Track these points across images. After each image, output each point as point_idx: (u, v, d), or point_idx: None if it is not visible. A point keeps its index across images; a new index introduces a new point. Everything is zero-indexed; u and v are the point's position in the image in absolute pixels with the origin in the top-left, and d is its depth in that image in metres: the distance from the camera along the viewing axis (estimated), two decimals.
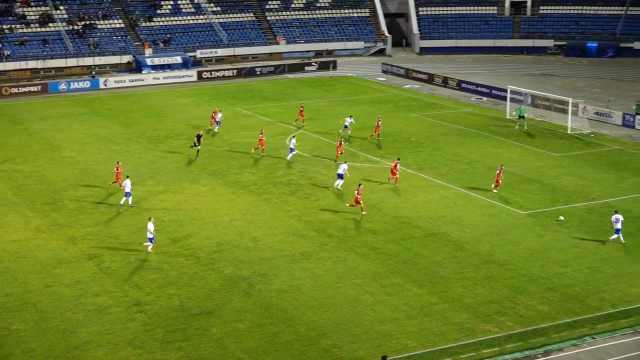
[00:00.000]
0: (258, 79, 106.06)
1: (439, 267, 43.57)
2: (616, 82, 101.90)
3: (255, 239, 47.78)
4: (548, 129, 75.85)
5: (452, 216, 51.57)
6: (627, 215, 51.33)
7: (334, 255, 45.23)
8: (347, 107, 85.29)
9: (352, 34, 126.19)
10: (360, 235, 48.36)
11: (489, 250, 45.89)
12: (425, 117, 79.65)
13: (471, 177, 59.93)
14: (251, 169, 62.38)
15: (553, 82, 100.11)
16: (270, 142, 70.02)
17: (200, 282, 41.96)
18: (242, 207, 53.55)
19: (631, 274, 42.75)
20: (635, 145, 70.38)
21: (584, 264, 43.94)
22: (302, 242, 47.33)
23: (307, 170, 61.81)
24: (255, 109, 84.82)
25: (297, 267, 43.64)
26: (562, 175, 60.47)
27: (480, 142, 70.47)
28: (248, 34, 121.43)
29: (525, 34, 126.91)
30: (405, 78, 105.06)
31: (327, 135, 72.83)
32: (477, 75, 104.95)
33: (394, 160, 60.36)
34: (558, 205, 53.60)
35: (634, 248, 46.20)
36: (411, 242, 47.09)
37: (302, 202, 54.39)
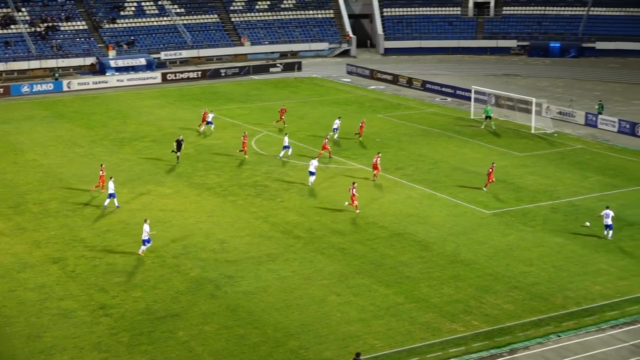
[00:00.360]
0: (223, 80, 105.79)
1: (405, 267, 43.68)
2: (578, 81, 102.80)
3: (221, 240, 47.64)
4: (512, 129, 76.34)
5: (417, 216, 51.73)
6: (589, 213, 51.83)
7: (300, 257, 45.20)
8: (312, 108, 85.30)
9: (316, 35, 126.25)
10: (326, 236, 48.36)
11: (455, 250, 46.09)
12: (390, 117, 79.87)
13: (436, 177, 60.16)
14: (216, 170, 62.19)
15: (516, 82, 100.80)
16: (235, 143, 69.85)
17: (166, 284, 41.75)
18: (208, 209, 53.37)
19: (595, 272, 43.12)
20: (597, 144, 71.04)
21: (549, 263, 44.26)
22: (268, 243, 47.25)
23: (273, 172, 61.73)
24: (220, 111, 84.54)
25: (263, 269, 43.56)
26: (526, 174, 60.89)
27: (444, 142, 70.78)
28: (212, 35, 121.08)
29: (488, 35, 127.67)
30: (370, 79, 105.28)
31: (292, 136, 72.74)
32: (441, 75, 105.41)
33: (373, 156, 60.89)
34: (523, 204, 53.95)
35: (597, 246, 46.60)
36: (377, 243, 47.17)
37: (268, 204, 54.31)
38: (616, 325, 37.38)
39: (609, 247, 46.33)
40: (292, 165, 63.16)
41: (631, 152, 68.28)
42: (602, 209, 52.37)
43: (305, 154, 66.70)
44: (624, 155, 66.90)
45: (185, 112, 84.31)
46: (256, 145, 69.77)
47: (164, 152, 67.70)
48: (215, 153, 67.15)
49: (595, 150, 68.57)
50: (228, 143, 70.57)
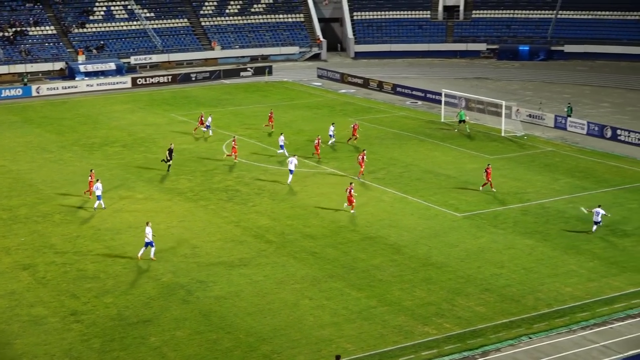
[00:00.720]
0: (193, 84, 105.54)
1: (377, 271, 43.74)
2: (547, 84, 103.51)
3: (192, 246, 47.48)
4: (482, 132, 76.71)
5: (389, 220, 51.83)
6: (560, 215, 52.21)
7: (272, 261, 45.16)
8: (283, 112, 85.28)
9: (287, 39, 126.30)
10: (298, 240, 48.35)
11: (427, 253, 46.22)
12: (361, 121, 79.97)
13: (407, 181, 60.32)
14: (188, 175, 62.00)
15: (486, 85, 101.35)
16: (206, 147, 69.72)
17: (138, 290, 41.55)
18: (179, 214, 53.18)
19: (565, 273, 43.40)
20: (567, 146, 71.53)
21: (520, 265, 44.49)
22: (240, 248, 47.16)
23: (244, 176, 61.65)
24: (190, 115, 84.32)
25: (235, 274, 43.47)
26: (497, 177, 61.16)
27: (415, 145, 71.00)
28: (182, 39, 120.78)
29: (458, 38, 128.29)
30: (341, 83, 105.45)
31: (264, 141, 72.72)
32: (411, 79, 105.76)
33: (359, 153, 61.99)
34: (493, 207, 54.21)
35: (567, 248, 46.91)
36: (349, 246, 47.22)
37: (239, 208, 54.22)
38: (587, 326, 37.64)
39: (579, 249, 46.66)
40: (263, 170, 63.10)
41: (600, 154, 68.82)
42: (573, 210, 52.85)
43: (277, 157, 66.64)
44: (593, 158, 67.42)
45: (156, 117, 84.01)
46: (227, 149, 69.62)
47: (134, 157, 67.44)
48: (186, 158, 66.93)
49: (565, 153, 69.06)
50: (199, 147, 70.39)
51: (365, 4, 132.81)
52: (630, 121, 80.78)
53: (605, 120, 79.88)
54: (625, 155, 68.41)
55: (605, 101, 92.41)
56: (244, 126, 78.88)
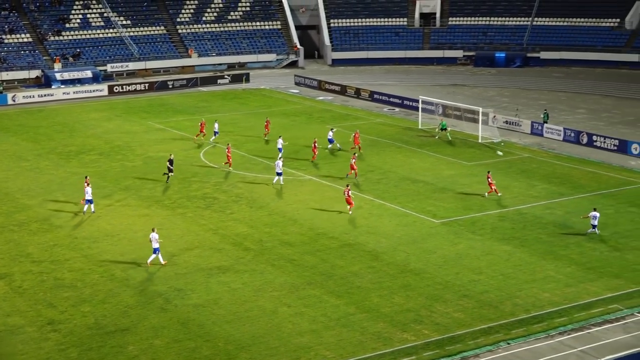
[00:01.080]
0: (170, 92, 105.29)
1: (355, 278, 43.75)
2: (524, 91, 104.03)
3: (170, 254, 47.31)
4: (459, 138, 76.96)
5: (367, 226, 51.88)
6: (537, 221, 52.45)
7: (250, 269, 45.08)
8: (261, 119, 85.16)
9: (264, 46, 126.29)
10: (276, 247, 48.30)
11: (405, 260, 46.28)
12: (338, 128, 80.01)
13: (385, 187, 60.40)
14: (165, 183, 61.79)
15: (463, 92, 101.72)
16: (183, 156, 69.56)
17: (116, 299, 41.35)
18: (157, 222, 52.94)
19: (543, 279, 43.58)
20: (543, 153, 71.89)
21: (498, 271, 44.64)
22: (218, 256, 47.05)
23: (222, 184, 61.53)
24: (168, 123, 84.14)
25: (213, 281, 43.36)
26: (474, 183, 61.39)
27: (393, 152, 71.12)
28: (159, 47, 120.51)
29: (435, 45, 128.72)
30: (318, 90, 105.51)
31: (241, 148, 72.63)
32: (388, 86, 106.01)
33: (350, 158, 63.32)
34: (471, 213, 54.37)
35: (545, 254, 47.11)
36: (327, 254, 47.21)
37: (217, 216, 54.10)
38: (565, 332, 37.80)
39: (556, 255, 46.88)
40: (241, 177, 63.01)
41: (576, 160, 69.22)
42: (550, 215, 53.14)
43: (254, 164, 66.61)
44: (569, 164, 67.80)
45: (133, 125, 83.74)
46: (204, 157, 69.50)
47: (111, 165, 67.18)
48: (163, 166, 66.66)
49: (542, 159, 69.40)
50: (176, 155, 70.16)
51: (342, 12, 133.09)
52: (606, 127, 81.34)
53: (581, 127, 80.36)
54: (601, 161, 68.85)
55: (581, 107, 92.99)
56: (221, 133, 78.71)
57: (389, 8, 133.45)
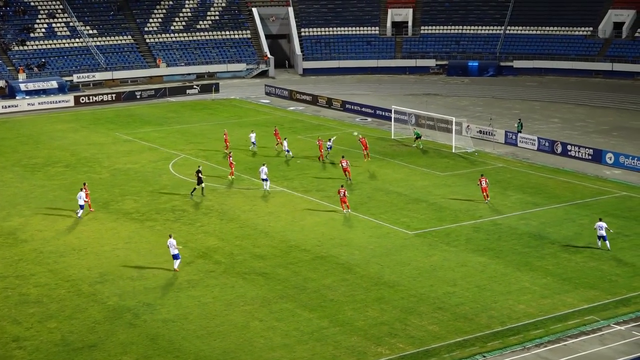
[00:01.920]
0: (138, 103, 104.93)
1: (328, 291, 43.68)
2: (497, 100, 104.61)
3: (139, 267, 47.03)
4: (433, 148, 77.19)
5: (340, 238, 51.84)
6: (511, 232, 52.65)
7: (221, 282, 44.89)
8: (231, 130, 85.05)
9: (233, 56, 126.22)
10: (247, 260, 48.14)
11: (379, 272, 46.27)
12: (309, 138, 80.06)
13: (358, 198, 60.42)
14: (133, 195, 61.49)
15: (436, 102, 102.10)
16: (152, 167, 69.28)
17: (83, 314, 41.01)
18: (125, 235, 52.67)
19: (518, 290, 43.70)
20: (517, 162, 72.23)
21: (472, 283, 44.72)
22: (188, 269, 46.81)
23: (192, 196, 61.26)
24: (135, 134, 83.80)
25: (183, 296, 43.12)
26: (448, 194, 61.56)
27: (365, 162, 71.14)
28: (127, 57, 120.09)
29: (407, 54, 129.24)
30: (289, 100, 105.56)
31: (211, 159, 72.43)
32: (361, 95, 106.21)
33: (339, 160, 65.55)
34: (445, 224, 54.48)
35: (520, 265, 47.26)
36: (300, 266, 47.12)
37: (187, 229, 53.87)
38: (541, 344, 37.90)
39: (532, 266, 47.04)
40: (211, 189, 62.79)
41: (550, 170, 69.59)
42: (525, 226, 53.34)
43: (225, 176, 66.41)
44: (544, 173, 68.16)
45: (100, 136, 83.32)
46: (173, 168, 69.25)
47: (77, 177, 66.73)
48: (131, 177, 66.41)
49: (516, 169, 69.73)
50: (145, 168, 69.91)
51: (312, 20, 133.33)
52: (580, 136, 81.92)
53: (556, 136, 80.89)
54: (575, 170, 69.28)
55: (555, 116, 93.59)
56: (191, 145, 78.52)
57: (361, 17, 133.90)
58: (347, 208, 56.95)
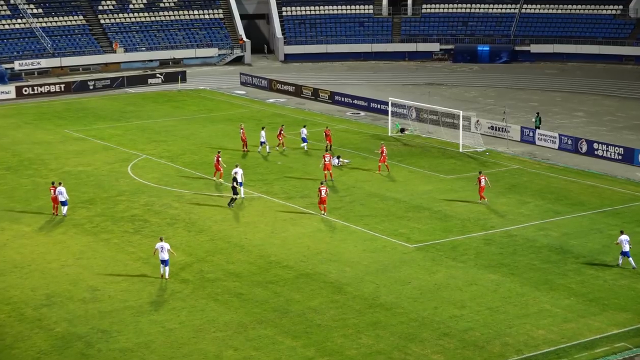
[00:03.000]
0: (91, 94, 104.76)
1: (315, 314, 43.67)
2: (512, 90, 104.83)
3: (92, 288, 46.93)
4: (436, 147, 77.29)
5: (329, 252, 51.84)
6: (529, 244, 52.75)
7: (189, 305, 44.84)
8: (201, 126, 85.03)
9: (203, 39, 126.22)
10: (220, 279, 48.09)
11: (374, 292, 46.28)
12: (293, 136, 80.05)
13: (349, 206, 60.46)
14: (85, 203, 61.40)
15: (441, 93, 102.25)
16: (107, 170, 69.16)
17: (26, 343, 40.90)
18: (76, 250, 52.55)
19: (537, 313, 43.74)
20: (536, 163, 72.38)
21: (483, 304, 44.76)
22: (150, 289, 46.75)
23: (154, 203, 61.23)
24: (88, 131, 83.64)
25: (145, 321, 43.05)
26: (455, 200, 61.62)
27: (358, 164, 71.20)
28: (78, 40, 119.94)
29: (406, 37, 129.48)
30: (269, 91, 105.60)
31: (176, 161, 72.37)
32: (352, 85, 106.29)
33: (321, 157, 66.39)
34: (451, 236, 54.55)
35: (539, 283, 47.32)
36: (281, 286, 47.10)
37: (149, 242, 53.77)
38: None
39: (552, 284, 47.12)
40: (177, 195, 62.76)
41: (574, 172, 69.77)
42: (545, 238, 53.37)
43: (193, 180, 66.37)
44: (566, 176, 68.31)
45: (47, 134, 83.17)
46: (133, 171, 69.18)
47: (20, 182, 66.59)
48: (83, 182, 66.31)
49: (534, 171, 69.87)
50: (99, 170, 69.79)
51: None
52: (609, 133, 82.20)
53: (580, 133, 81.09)
54: (603, 173, 69.47)
55: (579, 110, 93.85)
56: (153, 144, 78.42)
57: None
58: (324, 210, 58.07)
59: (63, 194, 58.15)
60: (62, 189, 58.17)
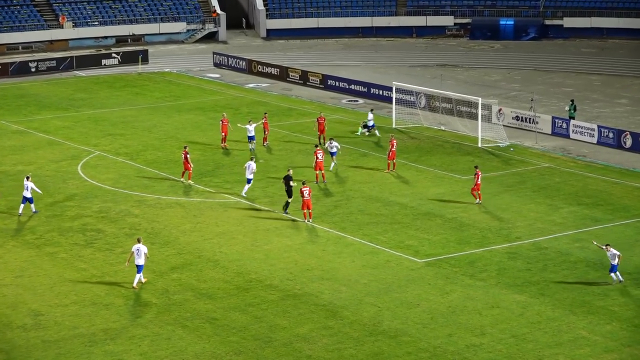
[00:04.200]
0: (33, 78, 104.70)
1: (304, 343, 43.67)
2: (541, 73, 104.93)
3: (35, 312, 46.86)
4: (450, 142, 77.32)
5: (321, 269, 51.85)
6: (562, 259, 52.79)
7: (152, 332, 44.80)
8: (166, 116, 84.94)
9: (169, 11, 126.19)
10: (189, 301, 48.05)
11: (375, 316, 46.29)
12: (278, 128, 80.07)
13: (345, 213, 60.47)
14: (27, 209, 61.29)
15: (455, 76, 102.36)
16: (53, 170, 69.07)
17: None
18: (15, 266, 52.49)
19: (572, 341, 43.76)
20: (570, 161, 72.43)
21: (507, 331, 44.79)
22: (105, 314, 46.69)
23: (110, 210, 61.18)
24: (29, 123, 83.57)
25: (98, 352, 42.99)
26: (473, 206, 61.68)
27: (356, 161, 71.22)
28: (16, 13, 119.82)
29: (414, 9, 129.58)
30: (248, 74, 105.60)
31: (136, 159, 72.29)
32: (349, 67, 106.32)
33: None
34: (469, 248, 54.57)
35: (574, 305, 47.36)
36: (264, 309, 47.10)
37: (103, 257, 53.74)
38: None
39: (590, 307, 47.15)
40: (137, 200, 62.71)
41: (616, 171, 69.86)
42: (581, 251, 53.48)
43: (156, 181, 66.31)
44: (607, 176, 68.40)
45: None
46: (84, 171, 69.09)
47: None
48: (22, 184, 66.05)
49: (567, 170, 69.95)
50: (43, 170, 69.68)
51: None
52: None
53: (624, 124, 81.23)
54: None
55: (622, 96, 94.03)
56: (109, 137, 78.34)
57: None
58: (309, 217, 58.68)
59: (29, 189, 58.98)
60: (29, 184, 59.10)
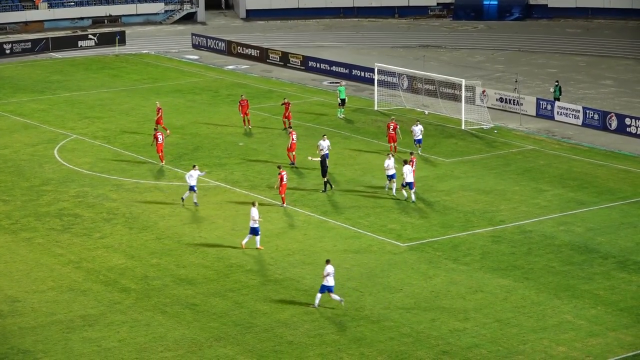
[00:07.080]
0: (8, 60, 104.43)
1: (285, 329, 43.76)
2: (525, 54, 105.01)
3: (11, 298, 46.87)
4: (434, 124, 77.39)
5: (302, 253, 51.92)
6: (546, 242, 52.97)
7: (131, 318, 44.84)
8: (143, 99, 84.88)
9: None
10: (169, 286, 48.09)
11: (357, 301, 46.39)
12: (257, 111, 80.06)
13: (326, 197, 60.52)
14: (2, 194, 61.27)
15: (438, 57, 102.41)
16: (28, 154, 69.00)
17: None
18: None
19: (556, 326, 43.89)
20: (555, 143, 72.57)
21: (491, 316, 44.94)
22: (82, 300, 46.71)
23: (87, 194, 61.15)
24: (4, 106, 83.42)
25: (76, 338, 43.03)
26: (456, 189, 61.81)
27: (338, 144, 71.21)
28: None
29: None
30: (227, 55, 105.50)
31: (114, 142, 72.23)
32: (330, 49, 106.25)
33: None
34: (452, 232, 54.69)
35: (559, 289, 47.49)
36: (245, 295, 47.17)
37: (81, 241, 53.74)
38: None
39: (575, 291, 47.31)
40: (115, 184, 62.69)
41: (602, 153, 70.01)
42: (566, 234, 53.67)
43: (135, 165, 66.29)
44: (592, 159, 68.55)
45: None
46: (60, 155, 69.02)
47: None
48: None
49: (552, 152, 70.09)
50: (19, 154, 69.59)
51: None
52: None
53: (609, 105, 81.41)
54: (637, 154, 69.73)
55: (607, 77, 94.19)
56: (85, 120, 78.23)
57: None
58: (283, 201, 59.61)
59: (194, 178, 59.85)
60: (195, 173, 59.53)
